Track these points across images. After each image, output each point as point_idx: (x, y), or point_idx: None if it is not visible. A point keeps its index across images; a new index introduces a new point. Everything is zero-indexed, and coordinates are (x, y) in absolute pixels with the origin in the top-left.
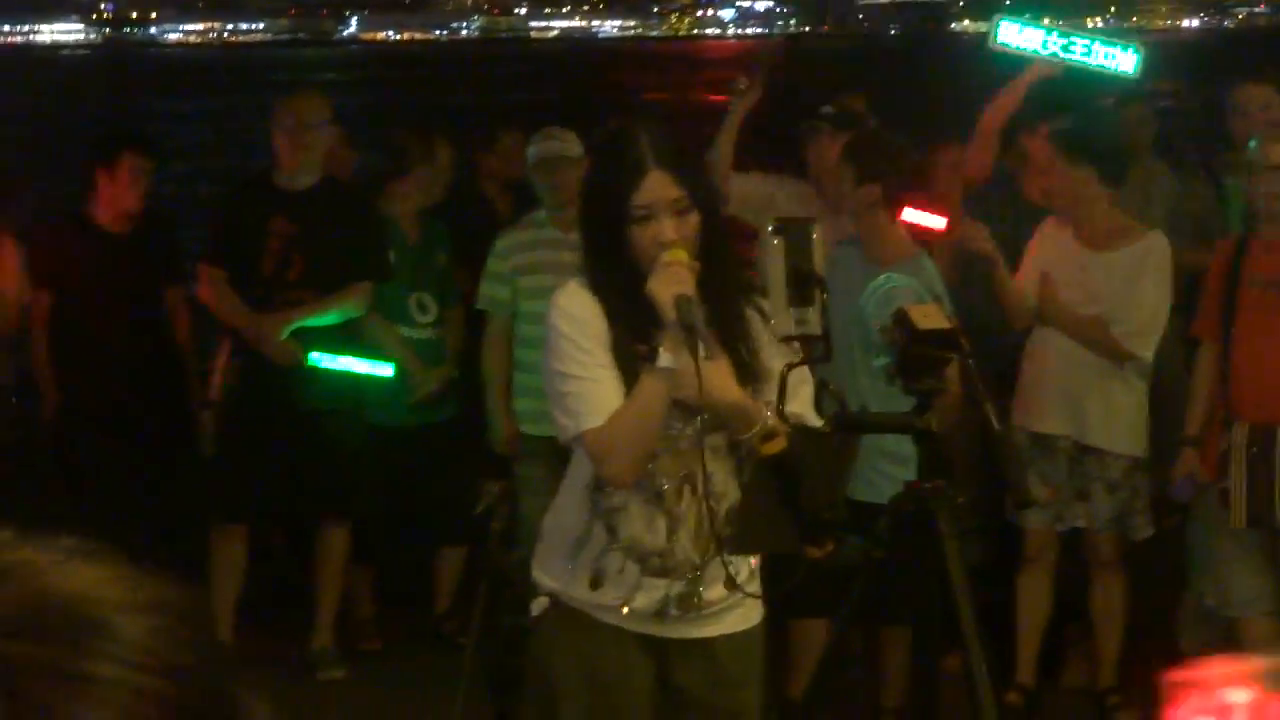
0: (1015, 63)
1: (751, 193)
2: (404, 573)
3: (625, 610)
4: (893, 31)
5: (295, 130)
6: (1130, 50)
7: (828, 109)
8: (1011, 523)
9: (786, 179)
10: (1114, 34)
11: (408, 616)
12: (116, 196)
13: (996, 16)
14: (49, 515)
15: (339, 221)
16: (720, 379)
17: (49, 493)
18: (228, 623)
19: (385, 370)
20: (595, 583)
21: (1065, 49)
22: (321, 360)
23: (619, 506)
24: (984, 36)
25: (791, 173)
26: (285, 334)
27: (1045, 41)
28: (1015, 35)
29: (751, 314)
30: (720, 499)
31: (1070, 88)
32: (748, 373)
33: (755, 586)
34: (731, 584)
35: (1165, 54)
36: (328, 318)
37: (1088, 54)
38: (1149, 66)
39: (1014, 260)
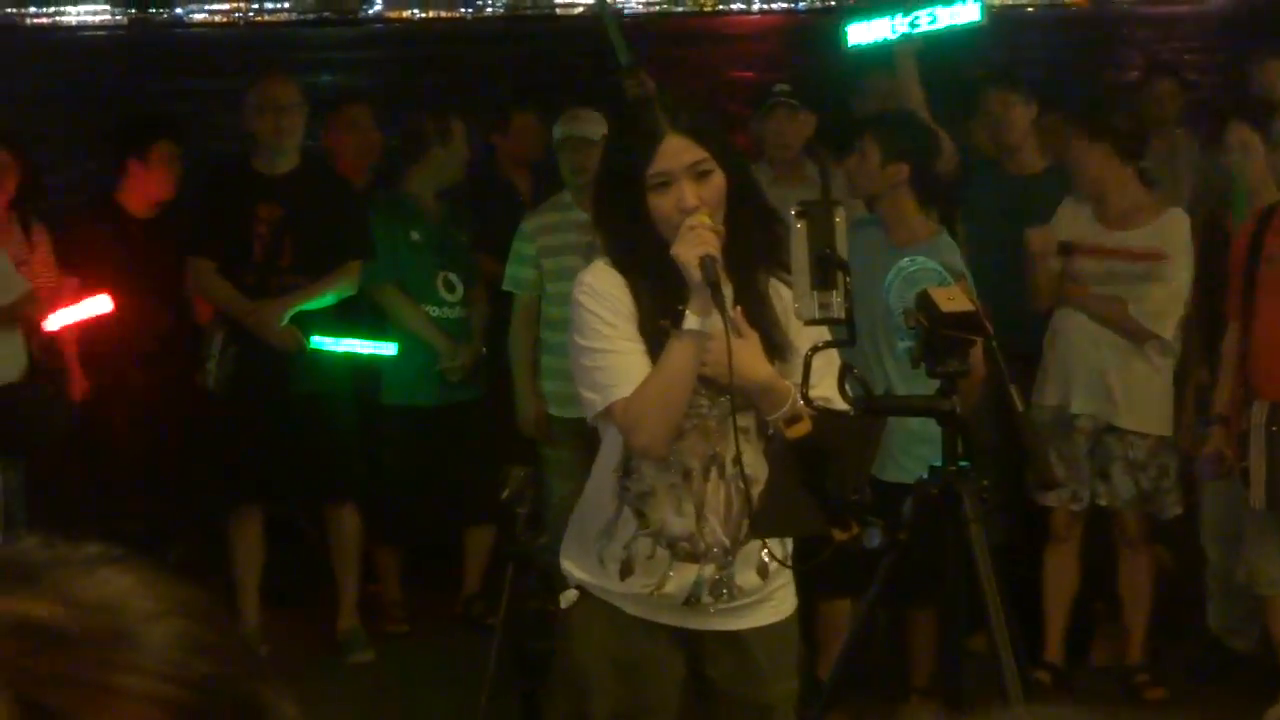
0: (885, 57)
1: None
2: (432, 555)
3: (655, 594)
4: None
5: (274, 114)
6: (970, 0)
7: (783, 87)
8: (1037, 502)
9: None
10: None
11: (436, 599)
12: (149, 184)
13: (843, 23)
14: (82, 503)
15: (323, 202)
16: (749, 356)
17: (81, 479)
18: (253, 603)
19: (388, 349)
20: (625, 570)
21: (912, 24)
22: (324, 343)
23: (647, 491)
24: (1005, 7)
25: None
26: (286, 319)
27: (892, 27)
28: (864, 33)
29: (777, 288)
30: (752, 482)
31: (938, 52)
32: (775, 350)
33: (786, 574)
34: (766, 569)
35: (1194, 25)
36: (323, 300)
37: (934, 20)
38: (989, 10)
39: (1005, 236)
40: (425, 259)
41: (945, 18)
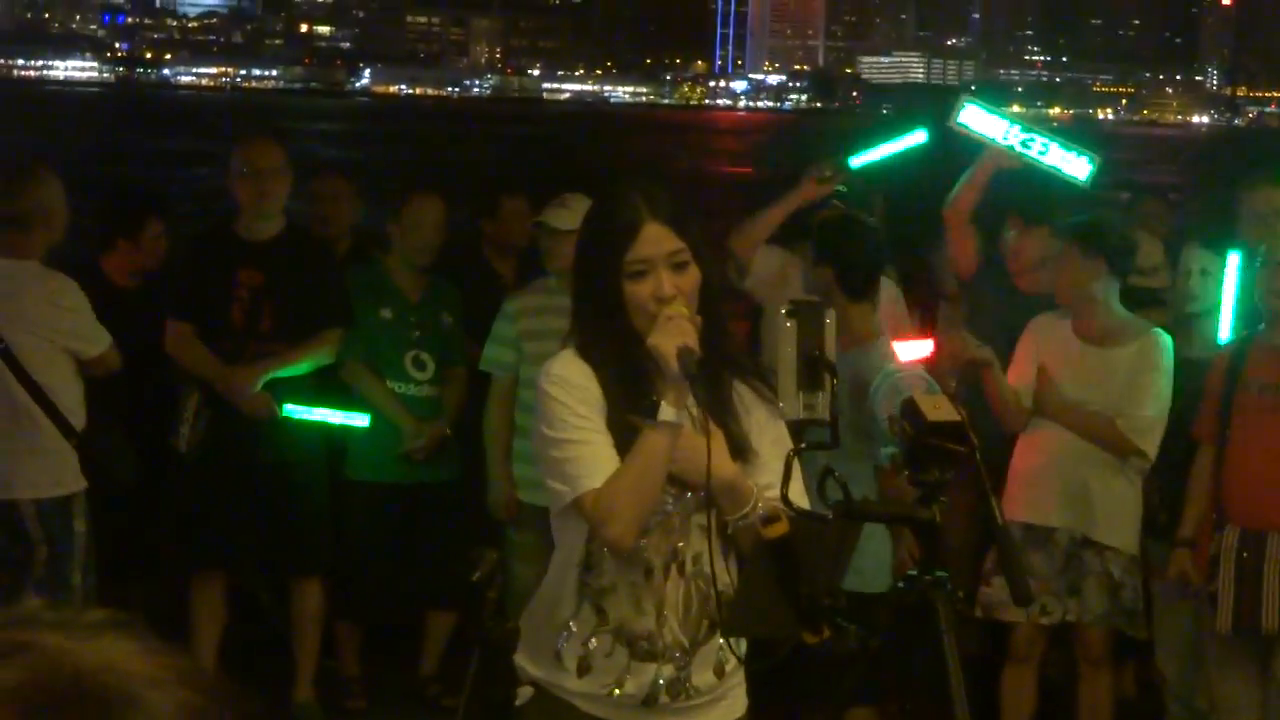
0: (974, 148)
1: (769, 267)
2: (391, 632)
3: (615, 694)
4: (884, 110)
5: (256, 179)
6: (1086, 159)
7: (842, 189)
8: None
9: (801, 258)
10: (1076, 139)
11: (393, 676)
12: (136, 260)
13: (964, 97)
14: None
15: (304, 269)
16: (716, 454)
17: None
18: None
19: (360, 420)
20: (583, 669)
21: (1024, 144)
22: (296, 412)
23: (608, 587)
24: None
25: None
26: (259, 386)
27: (1006, 132)
28: (978, 119)
29: (740, 391)
30: (713, 582)
31: (1031, 184)
32: (737, 450)
33: (741, 673)
34: (722, 669)
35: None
36: (299, 367)
37: (1044, 153)
38: (1100, 177)
39: (1005, 349)
40: (395, 336)
41: (1056, 158)
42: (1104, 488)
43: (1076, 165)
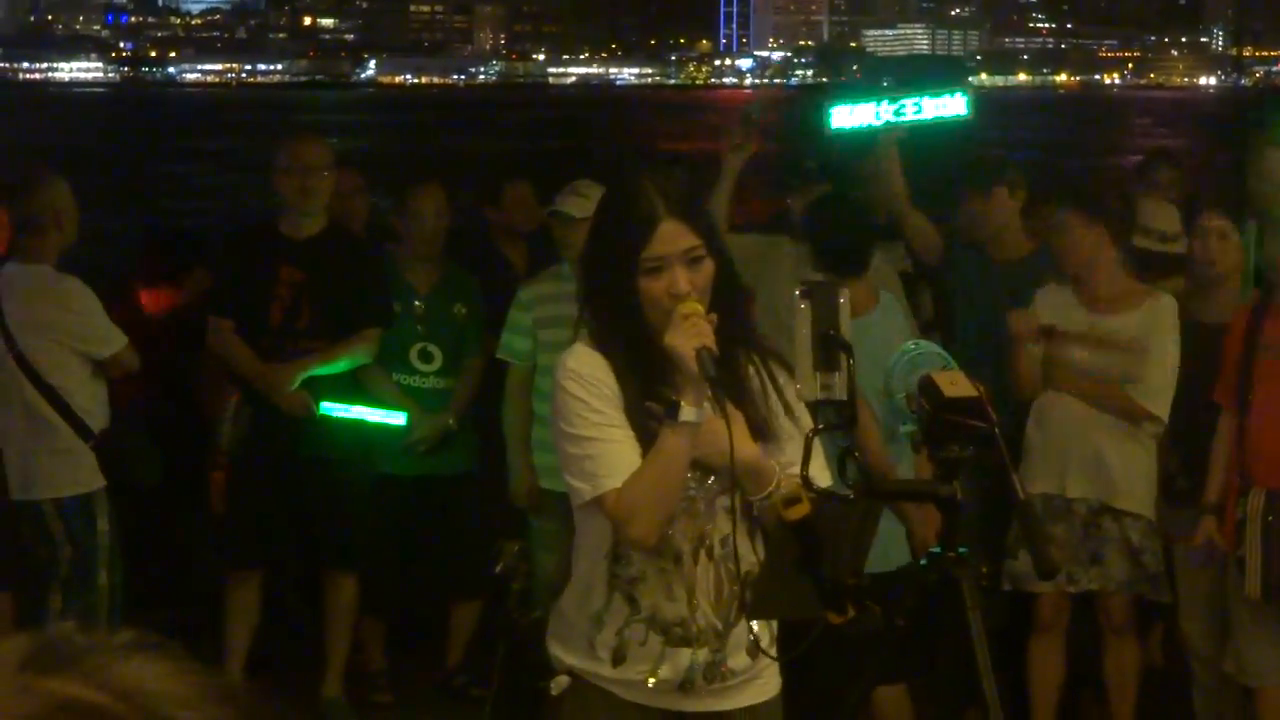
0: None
1: (748, 252)
2: (416, 625)
3: (651, 682)
4: (884, 83)
5: (300, 176)
6: (958, 94)
7: (810, 164)
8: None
9: (783, 238)
10: (938, 86)
11: (419, 669)
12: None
13: (826, 105)
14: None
15: (345, 268)
16: (737, 436)
17: None
18: (238, 668)
19: (397, 419)
20: (618, 658)
21: (897, 113)
22: (333, 410)
23: (637, 576)
24: (1000, 90)
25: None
26: (296, 383)
27: (877, 113)
28: (848, 117)
29: (756, 372)
30: (740, 562)
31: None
32: (757, 431)
33: (773, 652)
34: (755, 650)
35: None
36: (337, 365)
37: (919, 110)
38: (978, 104)
39: (992, 324)
40: (400, 329)
41: (931, 109)
42: (1119, 454)
43: (953, 104)
